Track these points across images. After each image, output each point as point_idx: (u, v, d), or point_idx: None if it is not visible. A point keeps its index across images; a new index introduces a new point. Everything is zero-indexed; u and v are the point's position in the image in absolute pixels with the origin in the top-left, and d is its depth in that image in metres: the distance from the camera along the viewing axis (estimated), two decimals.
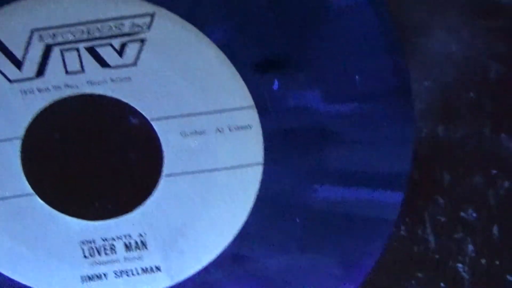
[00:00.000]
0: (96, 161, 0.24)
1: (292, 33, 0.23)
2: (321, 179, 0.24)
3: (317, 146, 0.24)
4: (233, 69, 0.23)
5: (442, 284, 0.29)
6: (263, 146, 0.24)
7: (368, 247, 0.25)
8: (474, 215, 0.29)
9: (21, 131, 0.23)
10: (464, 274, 0.29)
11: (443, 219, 0.29)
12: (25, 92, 0.23)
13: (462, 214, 0.29)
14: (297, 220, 0.25)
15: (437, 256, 0.29)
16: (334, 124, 0.23)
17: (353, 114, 0.23)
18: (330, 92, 0.23)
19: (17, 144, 0.23)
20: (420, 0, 0.26)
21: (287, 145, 0.24)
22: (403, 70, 0.23)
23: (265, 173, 0.24)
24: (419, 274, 0.29)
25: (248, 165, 0.24)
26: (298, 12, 0.22)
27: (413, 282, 0.29)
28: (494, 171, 0.29)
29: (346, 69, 0.23)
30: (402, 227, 0.29)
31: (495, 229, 0.29)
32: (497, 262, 0.29)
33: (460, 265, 0.29)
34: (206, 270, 0.25)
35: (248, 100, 0.23)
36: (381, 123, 0.23)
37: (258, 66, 0.23)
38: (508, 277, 0.29)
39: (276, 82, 0.23)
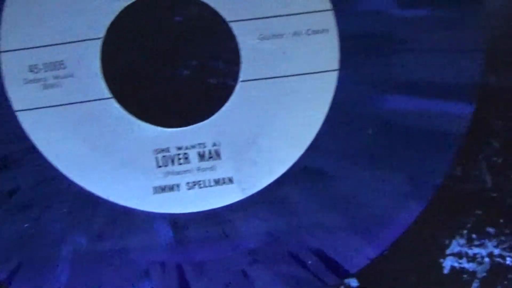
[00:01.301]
0: (174, 64, 0.24)
1: None
2: (394, 88, 0.24)
3: (389, 53, 0.24)
4: None
5: (501, 221, 0.29)
6: (339, 52, 0.24)
7: (436, 162, 0.25)
8: None
9: (102, 32, 0.24)
10: None
11: (499, 159, 0.29)
12: None
13: None
14: (369, 132, 0.25)
15: (494, 195, 0.29)
16: (407, 30, 0.24)
17: (426, 20, 0.24)
18: None
19: (98, 44, 0.24)
20: None
21: (362, 50, 0.24)
22: None
23: (340, 80, 0.24)
24: (478, 211, 0.29)
25: (324, 71, 0.24)
26: None
27: (472, 218, 0.29)
28: None
29: None
30: (458, 168, 0.29)
31: None
32: None
33: None
34: (277, 182, 0.25)
35: (327, 2, 0.23)
36: (453, 29, 0.24)
37: None
38: None
39: None
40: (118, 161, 0.25)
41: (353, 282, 0.29)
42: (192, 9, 0.24)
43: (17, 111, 0.25)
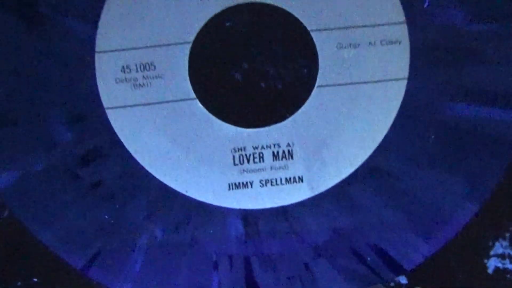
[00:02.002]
0: (255, 69, 0.26)
1: None
2: (459, 97, 0.26)
3: (458, 64, 0.26)
4: None
5: None
6: (409, 62, 0.26)
7: (492, 167, 0.27)
8: None
9: (191, 37, 0.25)
10: None
11: None
12: None
13: None
14: (432, 137, 0.26)
15: None
16: (476, 43, 0.26)
17: (495, 34, 0.25)
18: (475, 12, 0.25)
19: (187, 48, 0.25)
20: None
21: (431, 61, 0.26)
22: None
23: (409, 88, 0.26)
24: None
25: (394, 79, 0.26)
26: None
27: None
28: None
29: None
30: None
31: None
32: None
33: None
34: (345, 182, 0.27)
35: (401, 16, 0.25)
36: None
37: None
38: None
39: (427, 1, 0.25)
40: (197, 158, 0.27)
41: (402, 279, 0.30)
42: (277, 18, 0.25)
43: (107, 108, 0.27)
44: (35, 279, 0.30)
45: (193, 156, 0.27)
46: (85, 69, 0.26)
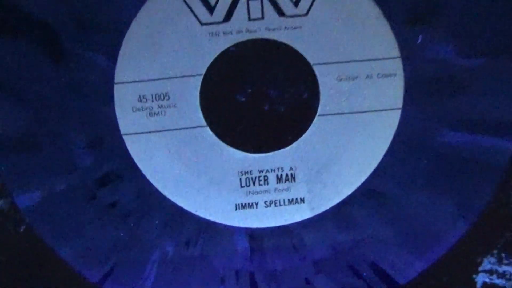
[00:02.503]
0: (262, 99, 0.28)
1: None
2: (449, 125, 0.28)
3: (449, 95, 0.28)
4: (386, 24, 0.28)
5: None
6: (403, 93, 0.28)
7: (481, 190, 0.29)
8: None
9: (203, 69, 0.28)
10: None
11: None
12: (212, 34, 0.27)
13: None
14: (425, 162, 0.29)
15: None
16: (465, 75, 0.28)
17: (482, 68, 0.28)
18: (464, 47, 0.28)
19: (199, 80, 0.28)
20: None
21: (424, 93, 0.28)
22: None
23: (403, 117, 0.28)
24: (508, 234, 0.32)
25: (390, 109, 0.28)
26: None
27: (502, 240, 0.32)
28: None
29: (478, 27, 0.28)
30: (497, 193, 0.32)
31: None
32: None
33: None
34: (343, 203, 0.29)
35: (395, 51, 0.28)
36: (504, 77, 0.28)
37: (406, 21, 0.27)
38: None
39: (420, 37, 0.28)
40: (207, 181, 0.29)
41: None
42: (282, 53, 0.28)
43: (124, 134, 0.29)
44: None
45: (203, 178, 0.29)
46: (104, 98, 0.28)
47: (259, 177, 0.29)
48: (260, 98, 0.29)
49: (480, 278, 0.32)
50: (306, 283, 0.30)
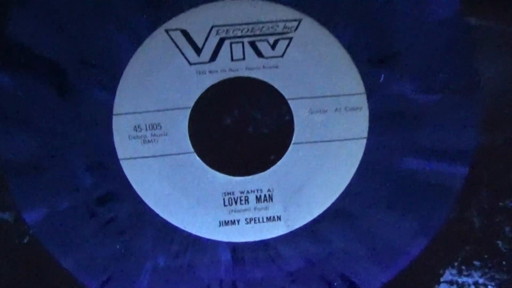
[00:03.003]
0: (242, 129, 0.32)
1: (396, 40, 0.31)
2: (409, 153, 0.32)
3: (408, 127, 0.32)
4: (352, 64, 0.31)
5: (485, 256, 0.35)
6: (368, 124, 0.31)
7: (438, 209, 0.33)
8: (511, 204, 0.35)
9: (191, 103, 0.31)
10: (502, 249, 0.35)
11: (486, 206, 0.35)
12: (199, 72, 0.31)
13: (501, 203, 0.35)
14: (387, 185, 0.32)
15: (480, 235, 0.35)
16: (422, 110, 0.32)
17: (437, 103, 0.31)
18: (421, 85, 0.31)
19: (187, 112, 0.31)
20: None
21: (386, 124, 0.32)
22: (474, 74, 0.31)
23: (367, 145, 0.32)
24: (467, 247, 0.35)
25: (356, 138, 0.32)
26: (402, 25, 0.31)
27: (462, 253, 0.35)
28: None
29: (433, 70, 0.31)
30: (453, 213, 0.35)
31: None
32: None
33: (499, 242, 0.35)
34: (316, 221, 0.32)
35: (361, 88, 0.31)
36: (456, 110, 0.31)
37: (370, 62, 0.31)
38: None
39: (382, 76, 0.31)
40: (194, 200, 0.32)
41: None
42: (261, 89, 0.31)
43: (121, 159, 0.32)
44: None
45: (191, 198, 0.32)
46: (104, 127, 0.31)
47: (240, 197, 0.32)
48: (241, 129, 0.32)
49: None
50: None
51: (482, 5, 0.33)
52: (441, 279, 0.35)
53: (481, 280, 0.34)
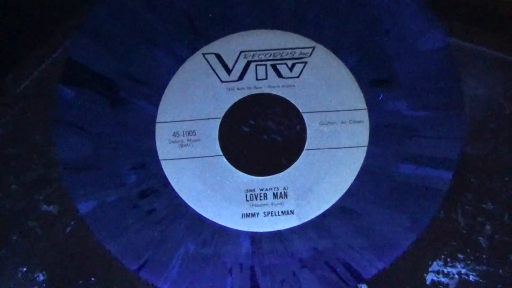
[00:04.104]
0: (263, 136, 0.36)
1: (393, 66, 0.35)
2: (402, 159, 0.35)
3: (402, 138, 0.35)
4: (356, 85, 0.35)
5: (468, 250, 0.37)
6: (368, 135, 0.36)
7: (427, 208, 0.35)
8: (492, 206, 0.38)
9: (221, 114, 0.35)
10: (483, 244, 0.38)
11: (470, 207, 0.38)
12: (229, 89, 0.35)
13: (483, 205, 0.38)
14: (384, 186, 0.37)
15: (464, 232, 0.38)
16: (414, 123, 0.35)
17: (427, 118, 0.35)
18: (413, 103, 0.35)
19: (218, 121, 0.35)
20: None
21: (384, 135, 0.35)
22: (458, 95, 0.36)
23: (368, 153, 0.35)
24: (453, 243, 0.37)
25: (358, 146, 0.36)
26: (399, 53, 0.35)
27: (448, 247, 0.37)
28: (506, 179, 0.38)
29: (424, 90, 0.35)
30: (441, 212, 0.38)
31: (506, 217, 0.38)
32: (506, 238, 0.38)
33: (481, 238, 0.38)
34: (323, 215, 0.35)
35: (363, 104, 0.35)
36: (443, 124, 0.35)
37: (371, 83, 0.36)
38: None
39: (381, 95, 0.36)
40: (221, 196, 0.36)
41: (363, 287, 0.37)
42: (280, 104, 0.35)
43: (161, 160, 0.36)
44: (92, 279, 0.37)
45: (218, 194, 0.35)
46: (148, 134, 0.35)
47: (260, 194, 0.35)
48: (263, 137, 0.37)
49: (429, 277, 0.37)
50: (293, 275, 0.35)
51: (467, 35, 0.38)
52: (429, 269, 0.37)
53: (463, 271, 0.37)
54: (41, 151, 0.37)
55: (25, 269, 0.37)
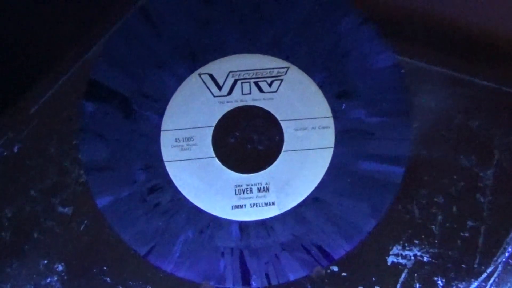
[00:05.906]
0: (248, 140, 0.42)
1: (353, 81, 0.42)
2: (363, 158, 0.41)
3: (362, 140, 0.41)
4: (324, 97, 0.41)
5: (422, 236, 0.42)
6: (334, 138, 0.41)
7: (385, 198, 0.41)
8: (442, 199, 0.43)
9: (214, 122, 0.40)
10: (435, 231, 0.43)
11: (424, 201, 0.44)
12: (220, 102, 0.40)
13: (435, 199, 0.43)
14: (348, 180, 0.42)
15: (419, 221, 0.43)
16: (371, 128, 0.41)
17: (383, 123, 0.41)
18: (372, 111, 0.41)
19: (211, 129, 0.40)
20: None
21: (348, 138, 0.41)
22: (406, 104, 0.43)
23: (334, 152, 0.41)
24: (409, 230, 0.42)
25: (326, 148, 0.41)
26: (357, 70, 0.42)
27: (406, 234, 0.42)
28: (454, 177, 0.43)
29: (379, 101, 0.41)
30: (399, 203, 0.43)
31: (454, 208, 0.43)
32: (455, 225, 0.42)
33: (433, 226, 0.43)
34: (299, 205, 0.41)
35: (329, 113, 0.41)
36: (394, 128, 0.41)
37: (335, 96, 0.42)
38: (461, 234, 0.43)
39: (344, 105, 0.41)
40: (215, 190, 0.41)
41: (335, 268, 0.42)
42: (262, 114, 0.40)
43: (165, 161, 0.41)
44: (105, 267, 0.42)
45: (213, 189, 0.40)
46: (154, 140, 0.40)
47: (246, 188, 0.40)
48: (248, 142, 0.43)
49: (390, 258, 0.42)
50: (276, 257, 0.40)
51: (414, 54, 0.45)
52: (390, 253, 0.42)
53: (419, 253, 0.42)
54: (55, 162, 0.42)
55: (46, 261, 0.42)
